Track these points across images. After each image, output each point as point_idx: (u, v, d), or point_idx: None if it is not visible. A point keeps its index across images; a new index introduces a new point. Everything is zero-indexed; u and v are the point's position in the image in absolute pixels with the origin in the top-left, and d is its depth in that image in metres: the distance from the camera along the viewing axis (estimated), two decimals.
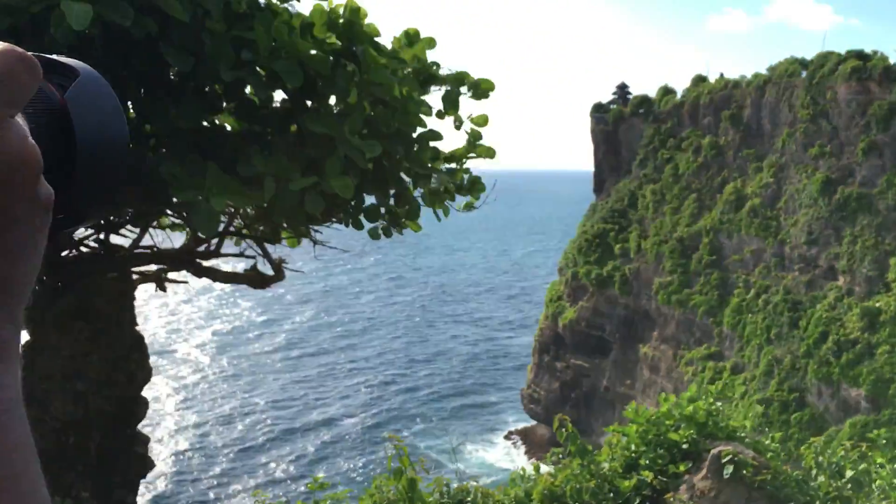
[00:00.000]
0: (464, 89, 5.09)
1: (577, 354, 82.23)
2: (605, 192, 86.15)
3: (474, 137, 5.30)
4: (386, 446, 7.75)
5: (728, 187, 70.31)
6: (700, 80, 77.11)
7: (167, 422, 77.55)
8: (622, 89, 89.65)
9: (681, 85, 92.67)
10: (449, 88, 5.02)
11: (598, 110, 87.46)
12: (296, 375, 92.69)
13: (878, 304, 54.31)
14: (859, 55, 60.29)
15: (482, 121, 5.23)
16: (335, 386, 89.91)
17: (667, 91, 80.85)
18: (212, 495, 62.62)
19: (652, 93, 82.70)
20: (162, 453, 70.14)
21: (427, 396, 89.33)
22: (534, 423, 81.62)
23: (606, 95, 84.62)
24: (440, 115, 4.98)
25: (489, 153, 5.35)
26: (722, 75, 75.85)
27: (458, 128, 5.09)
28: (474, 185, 5.45)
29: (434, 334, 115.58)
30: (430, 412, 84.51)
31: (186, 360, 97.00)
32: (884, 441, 8.34)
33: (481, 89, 5.08)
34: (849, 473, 7.75)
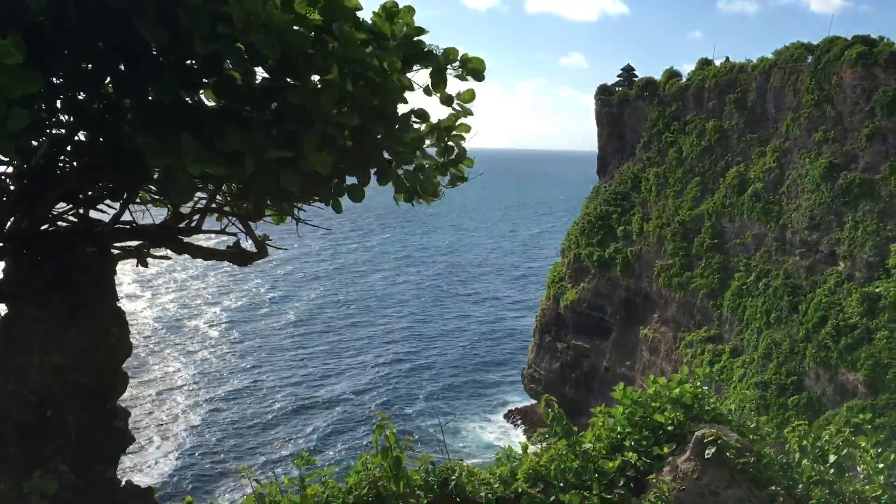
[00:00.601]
0: (453, 66, 5.03)
1: (578, 335, 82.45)
2: (609, 174, 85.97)
3: (464, 114, 5.24)
4: (373, 424, 7.77)
5: (731, 171, 70.10)
6: (705, 63, 76.63)
7: (175, 396, 77.93)
8: (628, 72, 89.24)
9: (687, 69, 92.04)
10: (436, 65, 4.95)
11: (603, 92, 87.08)
12: (303, 353, 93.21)
13: (877, 290, 54.28)
14: (865, 40, 59.89)
15: (470, 97, 5.16)
16: (342, 364, 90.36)
17: (672, 74, 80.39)
18: (218, 469, 62.91)
19: (658, 76, 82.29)
20: (169, 429, 70.54)
21: (432, 375, 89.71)
22: (534, 402, 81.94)
23: (612, 77, 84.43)
24: (427, 91, 4.93)
25: (466, 129, 5.30)
26: (728, 59, 75.41)
27: (445, 104, 5.03)
28: (460, 161, 5.40)
29: (441, 314, 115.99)
30: (435, 391, 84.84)
31: (195, 335, 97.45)
32: (869, 426, 8.36)
33: (470, 67, 5.01)
34: (832, 458, 7.77)
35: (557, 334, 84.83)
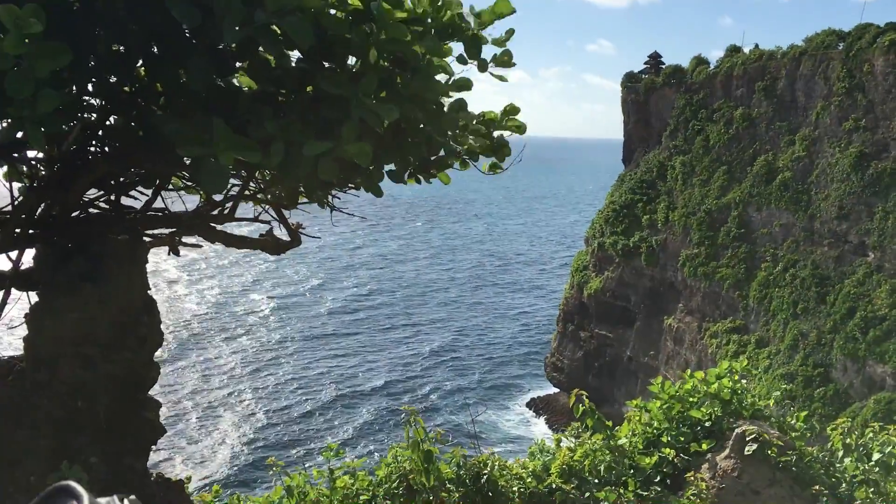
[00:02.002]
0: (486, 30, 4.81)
1: (602, 324, 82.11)
2: (634, 162, 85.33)
3: (500, 81, 5.02)
4: (402, 417, 7.65)
5: (759, 160, 69.32)
6: (734, 50, 75.73)
7: (209, 384, 78.32)
8: (655, 59, 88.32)
9: (716, 56, 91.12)
10: (469, 34, 4.72)
11: (630, 80, 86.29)
12: (336, 343, 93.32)
13: None
14: None
15: (508, 59, 4.90)
16: (373, 354, 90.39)
17: (700, 62, 79.53)
18: (249, 459, 63.12)
19: (686, 63, 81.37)
20: (202, 418, 71.01)
21: (461, 365, 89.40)
22: (556, 391, 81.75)
23: (639, 65, 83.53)
24: (461, 60, 4.71)
25: (519, 129, 5.15)
26: (757, 46, 74.45)
27: (481, 69, 4.82)
28: (500, 149, 5.24)
29: (473, 304, 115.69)
30: (463, 381, 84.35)
31: (231, 322, 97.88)
32: None
33: (498, 13, 4.71)
34: (876, 456, 7.55)
35: (581, 323, 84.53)
